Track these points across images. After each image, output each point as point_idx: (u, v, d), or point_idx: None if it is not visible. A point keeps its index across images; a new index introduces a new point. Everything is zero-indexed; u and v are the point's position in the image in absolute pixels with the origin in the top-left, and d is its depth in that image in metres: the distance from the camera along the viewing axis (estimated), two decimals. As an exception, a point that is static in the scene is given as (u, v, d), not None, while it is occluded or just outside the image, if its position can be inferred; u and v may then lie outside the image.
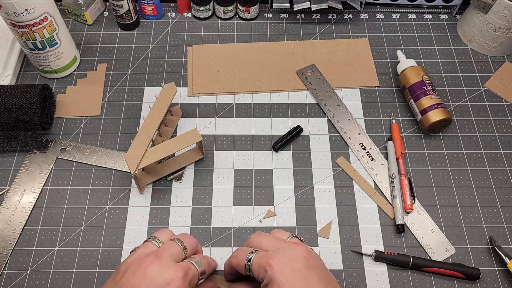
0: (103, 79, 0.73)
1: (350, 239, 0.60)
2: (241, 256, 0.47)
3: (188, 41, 0.78)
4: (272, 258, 0.44)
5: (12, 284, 0.56)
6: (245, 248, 0.48)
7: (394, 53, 0.75)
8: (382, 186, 0.64)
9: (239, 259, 0.47)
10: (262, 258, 0.44)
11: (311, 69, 0.74)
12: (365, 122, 0.70)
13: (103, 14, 0.81)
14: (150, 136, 0.60)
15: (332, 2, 0.77)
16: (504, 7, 0.70)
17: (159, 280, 0.42)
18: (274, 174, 0.65)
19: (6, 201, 0.61)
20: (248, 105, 0.71)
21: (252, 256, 0.46)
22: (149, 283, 0.42)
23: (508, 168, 0.66)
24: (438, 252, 0.59)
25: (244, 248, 0.48)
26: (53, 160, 0.65)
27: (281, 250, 0.45)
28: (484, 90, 0.74)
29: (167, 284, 0.42)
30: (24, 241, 0.59)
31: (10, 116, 0.63)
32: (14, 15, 0.61)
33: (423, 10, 0.83)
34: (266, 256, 0.44)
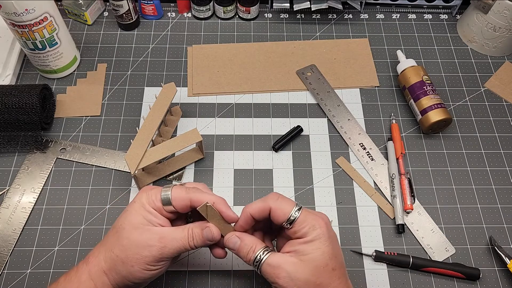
0: (103, 79, 0.73)
1: (350, 239, 0.60)
2: (287, 204, 0.45)
3: (188, 41, 0.78)
4: (319, 219, 0.45)
5: (12, 284, 0.56)
6: (286, 198, 0.47)
7: (394, 53, 0.75)
8: (382, 186, 0.64)
9: (284, 205, 0.45)
10: (310, 215, 0.45)
11: (311, 69, 0.74)
12: (365, 122, 0.70)
13: (103, 14, 0.81)
14: (150, 136, 0.60)
15: (332, 2, 0.77)
16: (504, 7, 0.70)
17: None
18: (274, 174, 0.65)
19: (6, 201, 0.61)
20: (248, 105, 0.71)
21: (298, 208, 0.45)
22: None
23: (508, 168, 0.66)
24: (438, 252, 0.59)
25: (286, 198, 0.47)
26: (53, 160, 0.65)
27: (316, 212, 0.47)
28: (484, 90, 0.74)
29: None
30: (24, 241, 0.59)
31: (10, 116, 0.63)
32: (14, 15, 0.61)
33: (423, 10, 0.83)
34: (314, 215, 0.45)
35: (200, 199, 0.46)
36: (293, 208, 0.45)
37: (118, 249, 0.45)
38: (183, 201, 0.46)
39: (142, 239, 0.45)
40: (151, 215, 0.46)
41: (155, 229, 0.46)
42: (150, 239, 0.45)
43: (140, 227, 0.46)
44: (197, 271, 0.57)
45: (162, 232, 0.46)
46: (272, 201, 0.46)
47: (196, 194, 0.46)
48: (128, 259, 0.45)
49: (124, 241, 0.45)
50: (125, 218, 0.47)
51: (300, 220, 0.44)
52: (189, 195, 0.46)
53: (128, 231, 0.45)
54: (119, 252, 0.45)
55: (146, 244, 0.45)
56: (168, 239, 0.45)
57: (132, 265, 0.45)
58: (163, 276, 0.57)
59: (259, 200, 0.47)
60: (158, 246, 0.45)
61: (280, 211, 0.45)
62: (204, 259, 0.58)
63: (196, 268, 0.57)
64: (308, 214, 0.45)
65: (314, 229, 0.44)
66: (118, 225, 0.47)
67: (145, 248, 0.45)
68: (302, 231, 0.44)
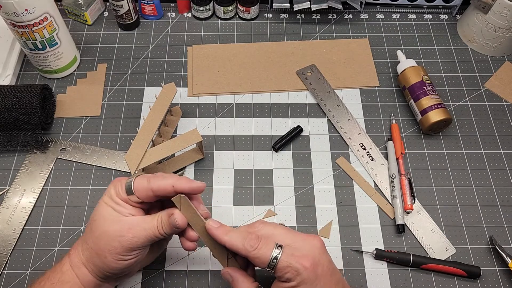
0: (103, 79, 0.73)
1: (351, 239, 0.60)
2: (264, 250, 0.43)
3: (188, 41, 0.78)
4: (304, 258, 0.42)
5: (12, 284, 0.56)
6: (267, 240, 0.44)
7: (394, 53, 0.75)
8: (382, 186, 0.64)
9: (261, 253, 0.43)
10: (293, 258, 0.42)
11: (311, 69, 0.74)
12: (365, 122, 0.70)
13: (103, 14, 0.81)
14: (150, 136, 0.60)
15: (332, 2, 0.77)
16: (504, 7, 0.70)
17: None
18: (274, 174, 0.65)
19: (6, 201, 0.61)
20: (248, 105, 0.71)
21: (278, 253, 0.43)
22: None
23: (508, 168, 0.66)
24: (438, 252, 0.59)
25: (266, 239, 0.44)
26: (53, 160, 0.65)
27: (300, 243, 0.44)
28: (484, 90, 0.74)
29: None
30: (24, 241, 0.59)
31: (10, 116, 0.63)
32: (14, 15, 0.61)
33: (423, 10, 0.83)
34: (297, 256, 0.43)
35: (161, 187, 0.46)
36: (271, 256, 0.42)
37: (91, 241, 0.46)
38: (145, 191, 0.46)
39: (112, 230, 0.45)
40: (120, 206, 0.47)
41: (125, 219, 0.46)
42: (120, 230, 0.45)
43: (110, 218, 0.46)
44: (197, 271, 0.57)
45: (132, 222, 0.46)
46: (251, 249, 0.43)
47: (157, 182, 0.46)
48: (101, 250, 0.46)
49: (96, 233, 0.46)
50: (97, 211, 0.47)
51: (280, 267, 0.42)
52: (150, 185, 0.46)
53: (99, 223, 0.46)
54: (92, 244, 0.46)
55: (116, 235, 0.45)
56: (137, 229, 0.46)
57: (105, 256, 0.46)
58: (163, 276, 0.57)
59: (238, 238, 0.44)
60: (128, 237, 0.45)
61: (258, 260, 0.43)
62: (204, 258, 0.58)
63: (196, 268, 0.57)
64: (290, 258, 0.42)
65: (298, 274, 0.42)
66: (91, 218, 0.48)
67: (115, 238, 0.45)
68: (285, 277, 0.43)
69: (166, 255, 0.58)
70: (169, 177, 0.46)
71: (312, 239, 0.45)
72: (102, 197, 0.48)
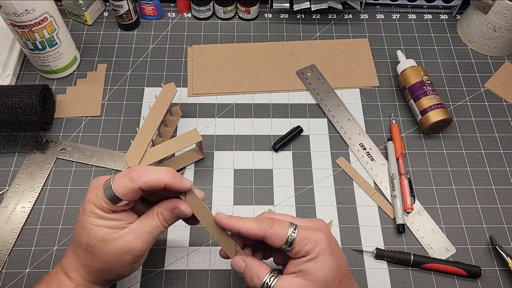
0: (103, 79, 0.73)
1: (351, 239, 0.60)
2: (280, 227, 0.43)
3: (188, 41, 0.78)
4: (318, 231, 0.43)
5: (10, 283, 0.56)
6: (281, 220, 0.44)
7: (394, 53, 0.75)
8: (382, 186, 0.64)
9: (278, 229, 0.43)
10: (308, 231, 0.43)
11: (311, 69, 0.74)
12: (365, 122, 0.70)
13: (103, 14, 0.81)
14: (150, 136, 0.60)
15: (332, 2, 0.77)
16: (504, 7, 0.70)
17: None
18: (274, 174, 0.65)
19: (5, 201, 0.61)
20: (248, 105, 0.71)
21: (295, 228, 0.43)
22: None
23: (508, 168, 0.66)
24: (438, 251, 0.59)
25: (279, 220, 0.44)
26: (53, 160, 0.65)
27: (309, 223, 0.45)
28: (484, 90, 0.74)
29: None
30: (23, 241, 0.58)
31: (10, 116, 0.63)
32: (14, 15, 0.61)
33: (423, 10, 0.83)
34: (312, 230, 0.43)
35: (150, 183, 0.42)
36: (289, 230, 0.43)
37: (99, 264, 0.45)
38: (133, 192, 0.43)
39: (118, 248, 0.44)
40: (114, 221, 0.44)
41: (125, 232, 0.44)
42: (126, 244, 0.44)
43: (110, 238, 0.44)
44: (197, 271, 0.57)
45: (134, 231, 0.44)
46: (267, 228, 0.43)
47: (143, 179, 0.42)
48: (113, 267, 0.45)
49: (102, 256, 0.44)
50: (89, 235, 0.44)
51: (299, 240, 0.43)
52: (135, 185, 0.42)
53: (102, 247, 0.44)
54: (101, 265, 0.45)
55: (124, 250, 0.44)
56: (143, 235, 0.44)
57: (120, 271, 0.46)
58: (162, 275, 0.57)
59: (252, 222, 0.44)
60: (137, 246, 0.44)
61: (276, 237, 0.43)
62: (204, 258, 0.58)
63: (196, 267, 0.57)
64: (306, 231, 0.43)
65: (315, 244, 0.43)
66: (85, 243, 0.44)
67: (126, 253, 0.44)
68: (303, 250, 0.43)
69: (165, 254, 0.58)
70: (158, 173, 0.43)
71: (318, 220, 0.46)
72: (85, 219, 0.44)
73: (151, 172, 0.43)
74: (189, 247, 0.58)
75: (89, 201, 0.44)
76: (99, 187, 0.44)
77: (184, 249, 0.58)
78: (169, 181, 0.43)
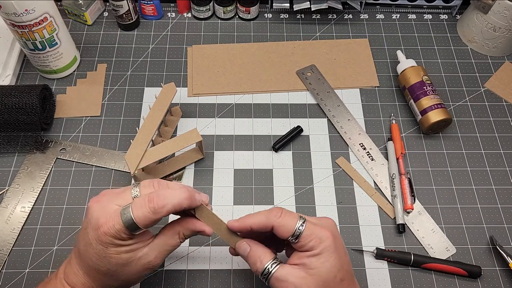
0: (103, 79, 0.73)
1: (351, 239, 0.60)
2: (289, 218, 0.44)
3: (188, 41, 0.78)
4: (325, 229, 0.44)
5: (10, 283, 0.56)
6: (290, 212, 0.45)
7: (394, 53, 0.75)
8: (382, 186, 0.64)
9: (286, 220, 0.44)
10: (316, 228, 0.44)
11: (311, 69, 0.74)
12: (365, 122, 0.70)
13: (103, 14, 0.81)
14: (150, 136, 0.60)
15: (332, 2, 0.77)
16: (504, 7, 0.70)
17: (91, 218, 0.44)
18: (274, 174, 0.65)
19: (5, 201, 0.61)
20: (248, 105, 0.71)
21: (303, 221, 0.44)
22: (86, 221, 0.45)
23: (508, 168, 0.66)
24: (439, 251, 0.59)
25: (288, 211, 0.45)
26: (53, 160, 0.65)
27: (317, 220, 0.46)
28: (484, 90, 0.74)
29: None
30: (23, 241, 0.58)
31: (10, 116, 0.63)
32: (14, 15, 0.61)
33: (423, 10, 0.83)
34: (319, 227, 0.44)
35: (171, 211, 0.43)
36: (297, 223, 0.44)
37: (118, 283, 0.46)
38: (153, 222, 0.43)
39: (139, 268, 0.45)
40: (132, 246, 0.44)
41: (145, 252, 0.45)
42: (145, 265, 0.45)
43: (131, 261, 0.44)
44: (197, 271, 0.57)
45: (153, 251, 0.45)
46: (275, 218, 0.45)
47: (163, 209, 0.42)
48: (132, 282, 0.47)
49: (124, 277, 0.45)
50: (109, 263, 0.43)
51: (305, 235, 0.44)
52: (156, 216, 0.42)
53: (123, 271, 0.45)
54: (121, 282, 0.46)
55: (145, 268, 0.46)
56: (162, 253, 0.46)
57: (134, 282, 0.47)
58: (162, 275, 0.56)
59: (261, 214, 0.45)
60: (156, 262, 0.46)
61: (284, 228, 0.44)
62: (204, 258, 0.58)
63: (196, 267, 0.57)
64: (313, 227, 0.44)
65: (321, 241, 0.43)
66: (105, 270, 0.44)
67: (144, 271, 0.46)
68: (308, 245, 0.44)
69: (165, 255, 0.58)
70: (176, 199, 0.43)
71: (326, 218, 0.47)
72: (104, 249, 0.43)
73: (172, 199, 0.43)
74: (189, 247, 0.58)
75: (107, 234, 0.42)
76: (115, 217, 0.42)
77: (184, 249, 0.58)
78: (188, 205, 0.44)
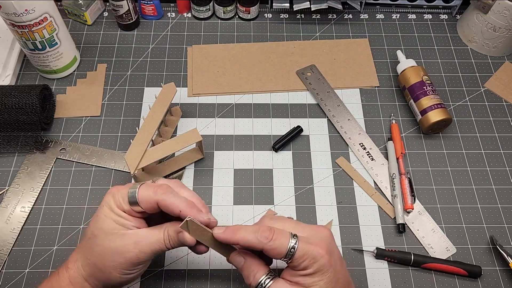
0: (103, 79, 0.73)
1: (351, 238, 0.60)
2: (280, 241, 0.42)
3: (188, 41, 0.78)
4: (319, 246, 0.42)
5: (10, 283, 0.56)
6: (281, 230, 0.43)
7: (394, 53, 0.75)
8: (382, 186, 0.64)
9: (277, 243, 0.42)
10: (309, 246, 0.42)
11: (311, 69, 0.74)
12: (365, 122, 0.70)
13: (103, 14, 0.81)
14: (150, 136, 0.60)
15: (332, 2, 0.77)
16: (504, 7, 0.70)
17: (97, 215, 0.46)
18: (274, 174, 0.65)
19: (5, 201, 0.61)
20: (248, 105, 0.71)
21: (295, 242, 0.42)
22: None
23: (508, 168, 0.66)
24: (439, 251, 0.59)
25: (279, 230, 0.43)
26: (52, 160, 0.65)
27: (312, 233, 0.44)
28: (484, 90, 0.74)
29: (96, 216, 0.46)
30: (23, 241, 0.58)
31: (10, 116, 0.63)
32: (14, 15, 0.61)
33: (423, 10, 0.83)
34: (313, 244, 0.42)
35: (167, 204, 0.43)
36: (289, 244, 0.42)
37: (94, 257, 0.44)
38: (150, 203, 0.44)
39: (115, 246, 0.43)
40: (123, 219, 0.44)
41: (128, 233, 0.44)
42: (124, 245, 0.43)
43: (112, 233, 0.44)
44: (196, 271, 0.57)
45: (137, 235, 0.44)
46: (266, 241, 0.42)
47: (164, 197, 0.44)
48: (105, 266, 0.44)
49: (98, 249, 0.44)
50: (96, 224, 0.45)
51: (298, 256, 0.42)
52: (156, 197, 0.44)
53: (101, 239, 0.44)
54: (95, 260, 0.44)
55: (121, 251, 0.43)
56: (144, 243, 0.44)
57: (110, 272, 0.44)
58: (162, 275, 0.56)
59: (250, 232, 0.43)
60: (134, 252, 0.44)
61: (275, 251, 0.42)
62: (204, 257, 0.58)
63: (195, 267, 0.57)
64: (307, 246, 0.42)
65: (315, 261, 0.42)
66: (90, 232, 0.45)
67: (121, 254, 0.43)
68: (302, 265, 0.42)
69: (165, 254, 0.58)
70: (178, 199, 0.44)
71: (322, 230, 0.45)
72: (100, 209, 0.45)
73: (173, 196, 0.44)
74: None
75: (110, 193, 0.46)
76: (126, 188, 0.45)
77: (184, 249, 0.58)
78: (184, 210, 0.43)
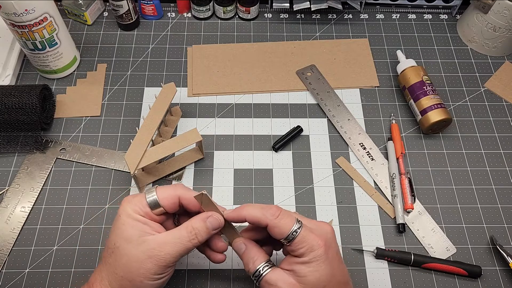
0: (103, 79, 0.73)
1: (351, 238, 0.60)
2: (286, 221, 0.43)
3: (188, 41, 0.78)
4: (319, 238, 0.43)
5: (10, 283, 0.56)
6: (289, 213, 0.44)
7: (394, 53, 0.75)
8: (382, 185, 0.64)
9: (282, 222, 0.43)
10: (310, 234, 0.43)
11: (311, 69, 0.74)
12: (365, 122, 0.70)
13: (103, 14, 0.81)
14: (150, 136, 0.60)
15: (332, 2, 0.77)
16: (504, 7, 0.70)
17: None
18: (274, 174, 0.65)
19: (5, 201, 0.61)
20: (248, 105, 0.71)
21: (299, 226, 0.43)
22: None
23: (508, 168, 0.66)
24: (439, 251, 0.59)
25: (287, 212, 0.45)
26: (52, 160, 0.65)
27: (314, 226, 0.45)
28: (484, 90, 0.74)
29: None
30: (23, 241, 0.58)
31: (10, 116, 0.63)
32: (14, 15, 0.61)
33: (423, 10, 0.83)
34: (314, 234, 0.43)
35: (189, 197, 0.46)
36: (292, 228, 0.43)
37: (120, 270, 0.44)
38: (171, 199, 0.46)
39: (140, 253, 0.43)
40: (143, 224, 0.45)
41: (151, 238, 0.44)
42: (149, 250, 0.43)
43: (134, 240, 0.43)
44: (196, 270, 0.57)
45: (160, 238, 0.44)
46: (272, 217, 0.43)
47: (183, 191, 0.46)
48: (134, 276, 0.43)
49: (124, 260, 0.43)
50: (116, 235, 0.44)
51: (298, 241, 0.43)
52: (177, 193, 0.46)
53: (124, 248, 0.43)
54: (122, 272, 0.44)
55: (147, 256, 0.43)
56: (169, 245, 0.44)
57: (140, 281, 0.43)
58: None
59: (258, 208, 0.45)
60: (160, 255, 0.43)
61: (278, 230, 0.43)
62: (204, 257, 0.58)
63: (195, 267, 0.57)
64: (307, 234, 0.43)
65: (311, 250, 0.43)
66: (112, 244, 0.45)
67: (147, 260, 0.43)
68: (299, 251, 0.43)
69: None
70: (192, 192, 0.47)
71: (324, 225, 0.46)
72: (117, 219, 0.45)
73: (189, 189, 0.47)
74: (189, 247, 0.58)
75: (125, 201, 0.46)
76: (140, 195, 0.46)
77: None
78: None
